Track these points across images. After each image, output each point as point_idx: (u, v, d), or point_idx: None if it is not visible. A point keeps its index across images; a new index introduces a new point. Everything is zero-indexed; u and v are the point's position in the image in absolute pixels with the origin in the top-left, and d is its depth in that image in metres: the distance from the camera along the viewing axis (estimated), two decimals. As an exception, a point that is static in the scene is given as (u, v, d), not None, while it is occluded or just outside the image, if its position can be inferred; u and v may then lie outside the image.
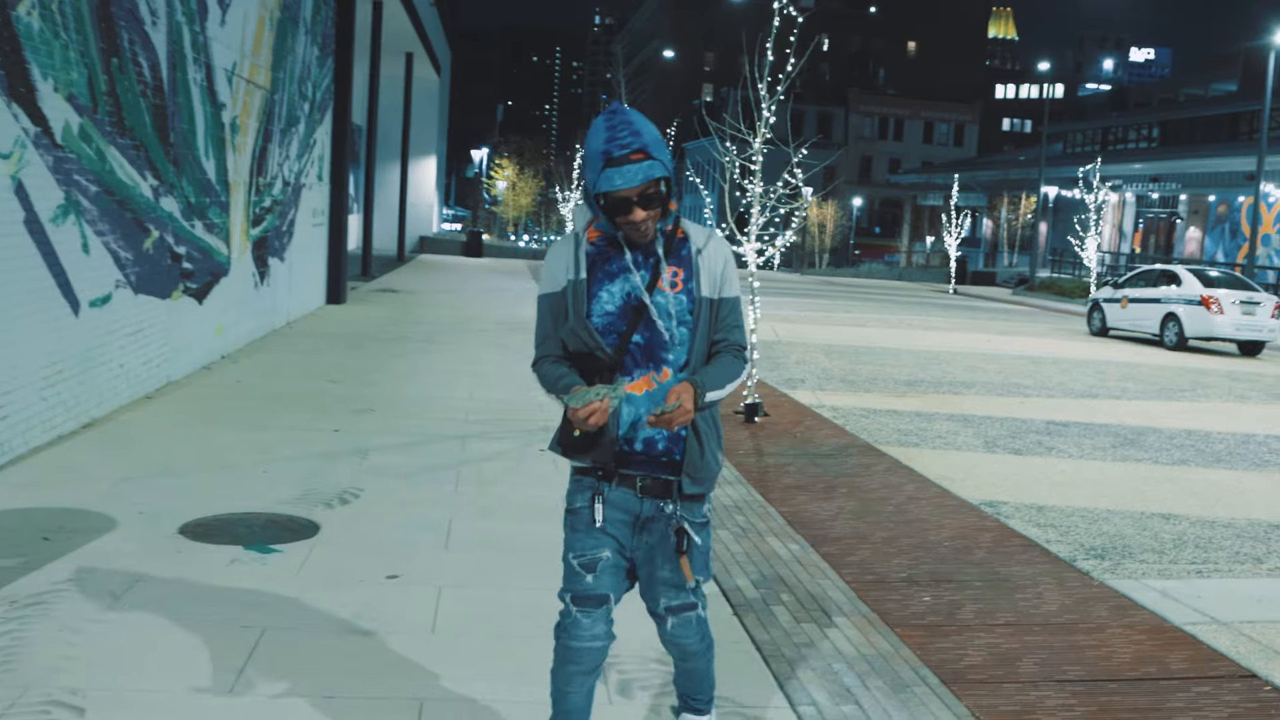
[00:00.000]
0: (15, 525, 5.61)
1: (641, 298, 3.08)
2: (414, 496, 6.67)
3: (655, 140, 3.00)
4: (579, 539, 3.18)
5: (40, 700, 3.74)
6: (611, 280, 3.13)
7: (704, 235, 3.20)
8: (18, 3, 6.73)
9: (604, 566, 3.17)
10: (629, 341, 3.11)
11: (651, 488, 3.15)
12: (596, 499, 3.14)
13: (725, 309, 3.17)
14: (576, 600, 3.18)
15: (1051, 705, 4.20)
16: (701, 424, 3.13)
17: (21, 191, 6.92)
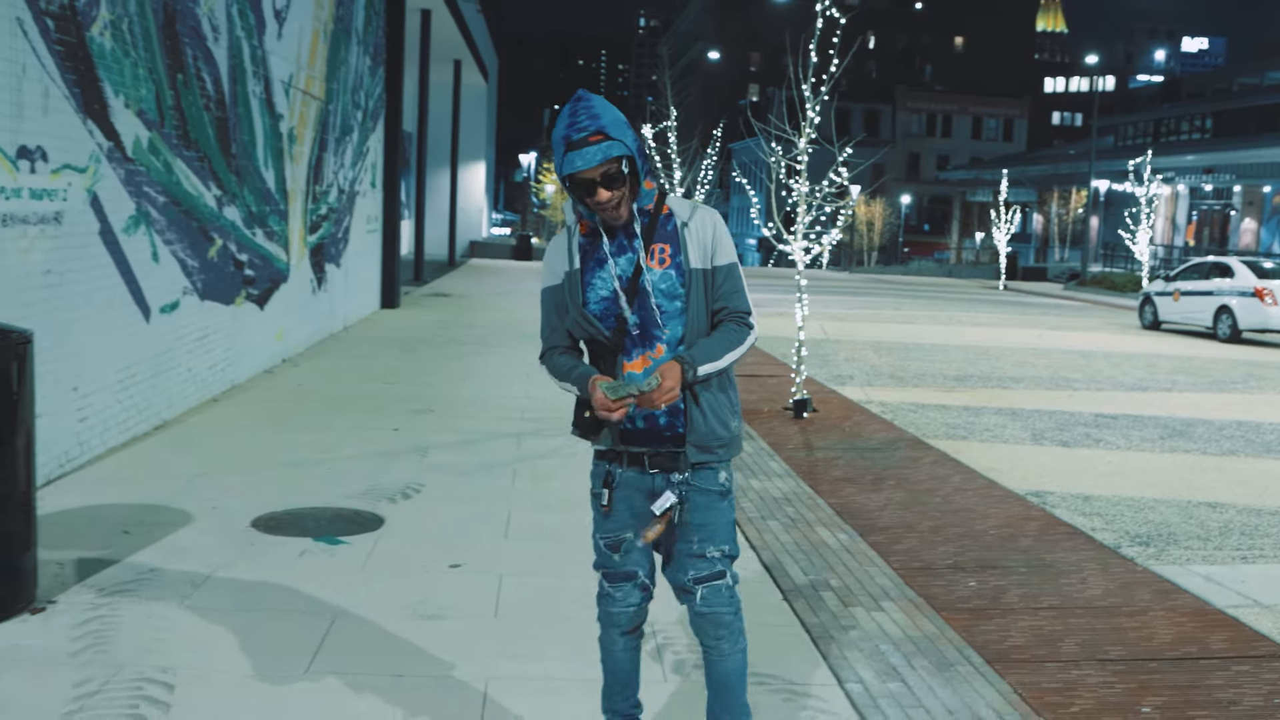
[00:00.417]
0: (98, 520, 5.90)
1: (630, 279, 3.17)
2: (473, 491, 6.91)
3: (615, 121, 3.06)
4: (602, 522, 3.32)
5: (133, 677, 4.00)
6: (601, 267, 3.22)
7: (688, 208, 3.26)
8: (91, 24, 7.05)
9: (627, 546, 3.30)
10: (626, 323, 3.19)
11: (659, 461, 3.23)
12: (608, 484, 3.27)
13: (720, 277, 3.22)
14: (608, 576, 3.36)
15: (1092, 683, 4.34)
16: (703, 393, 3.19)
17: (96, 204, 7.24)
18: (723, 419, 3.23)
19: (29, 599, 4.63)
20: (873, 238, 69.31)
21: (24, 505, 4.57)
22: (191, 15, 8.98)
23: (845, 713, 4.01)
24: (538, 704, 3.94)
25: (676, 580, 3.31)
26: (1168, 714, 4.08)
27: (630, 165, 3.10)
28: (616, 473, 3.26)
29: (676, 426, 3.21)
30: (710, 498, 3.24)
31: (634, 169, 3.12)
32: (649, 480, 3.24)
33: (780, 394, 11.09)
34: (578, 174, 3.04)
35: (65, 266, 6.80)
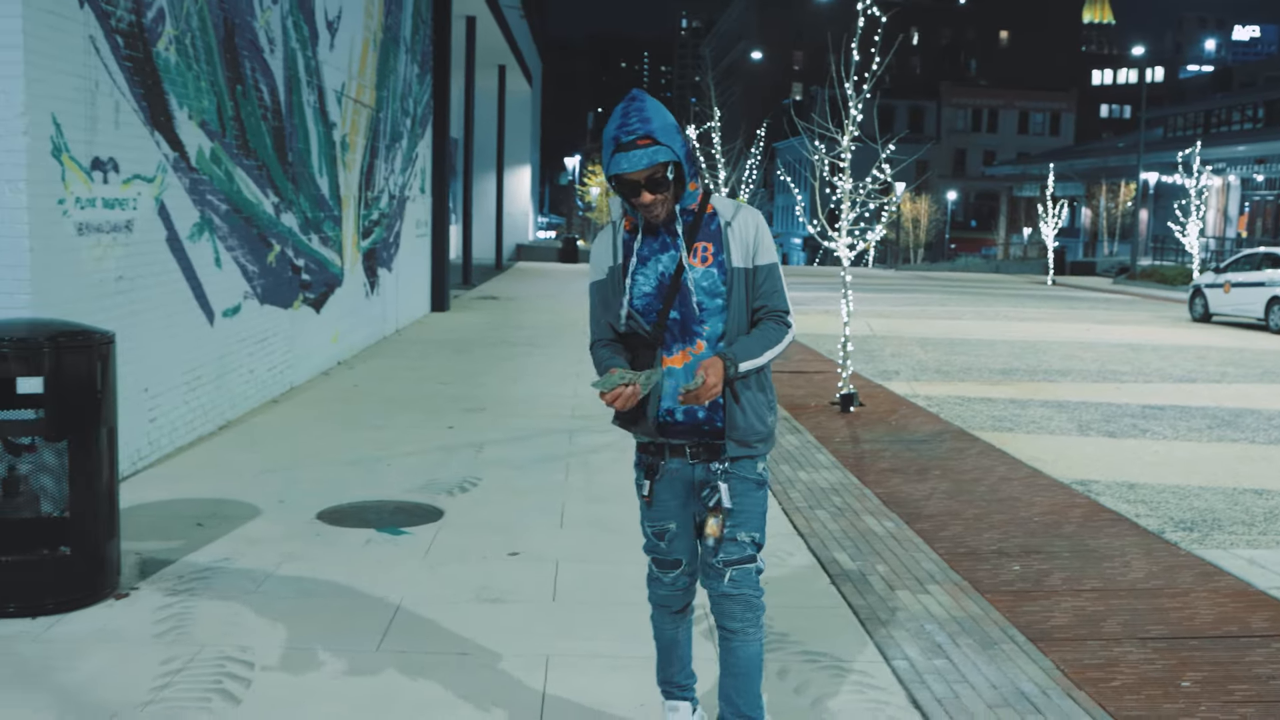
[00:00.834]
0: (172, 513, 6.17)
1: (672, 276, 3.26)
2: (528, 484, 7.12)
3: (665, 126, 3.15)
4: (647, 511, 3.44)
5: (215, 656, 4.24)
6: (645, 264, 3.31)
7: (732, 208, 3.33)
8: (157, 39, 7.35)
9: (672, 535, 3.42)
10: (666, 318, 3.27)
11: (701, 453, 3.33)
12: (648, 475, 3.39)
13: (761, 276, 3.30)
14: (657, 563, 3.50)
15: (1133, 660, 4.47)
16: (742, 390, 3.27)
17: (164, 212, 7.54)
18: (760, 415, 3.33)
19: (113, 586, 4.89)
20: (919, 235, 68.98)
21: (108, 497, 4.83)
22: (249, 29, 9.27)
23: (892, 687, 4.16)
24: (597, 679, 4.13)
25: (705, 561, 3.38)
26: (1207, 688, 4.20)
27: (676, 170, 3.19)
28: (659, 464, 3.36)
29: (715, 421, 3.30)
30: (747, 485, 3.33)
31: (680, 173, 3.22)
32: (690, 471, 3.35)
33: (827, 389, 11.22)
34: (623, 175, 3.16)
35: (136, 272, 7.09)
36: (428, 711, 3.85)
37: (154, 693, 3.93)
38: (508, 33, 29.48)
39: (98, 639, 4.40)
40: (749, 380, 3.28)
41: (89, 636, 4.43)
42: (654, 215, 3.23)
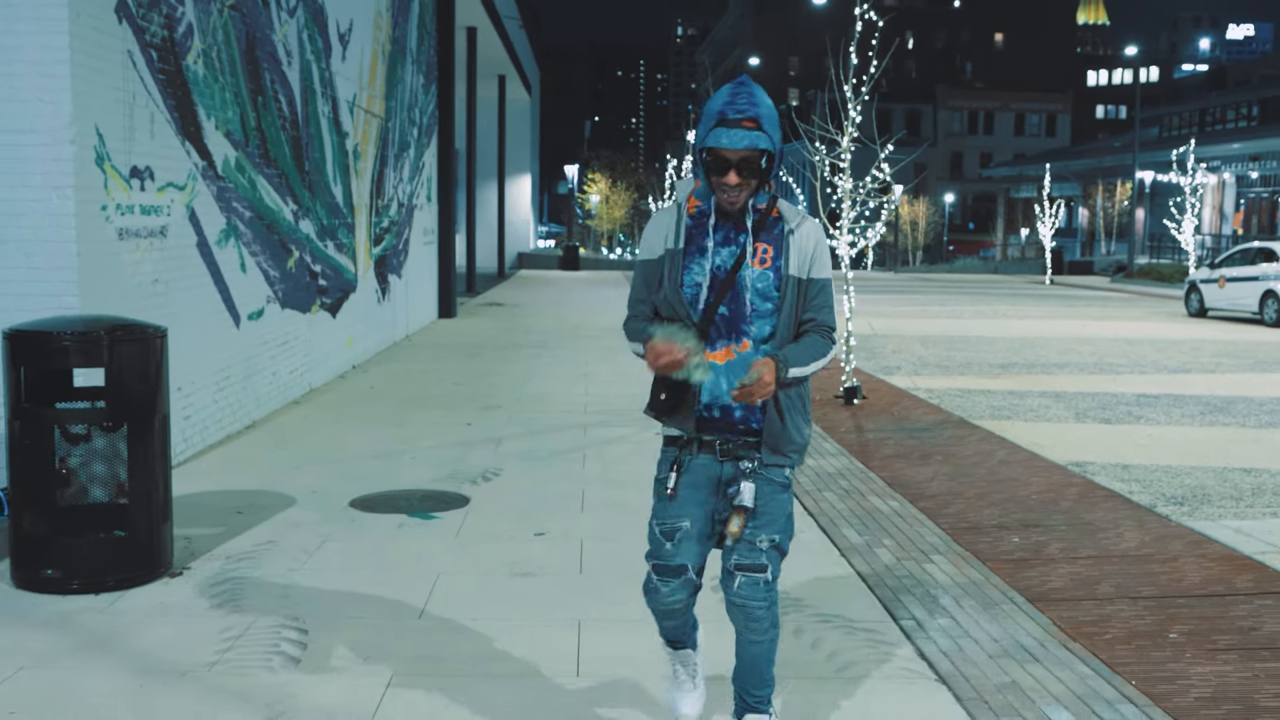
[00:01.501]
0: (212, 503, 6.49)
1: (729, 272, 3.23)
2: (548, 474, 7.44)
3: (770, 115, 3.12)
4: (663, 507, 3.33)
5: (270, 624, 4.56)
6: (703, 254, 3.26)
7: (798, 217, 3.29)
8: (187, 53, 7.69)
9: (682, 536, 3.30)
10: (715, 312, 3.23)
11: (731, 451, 3.28)
12: (675, 469, 3.30)
13: (814, 290, 3.26)
14: (658, 570, 3.34)
15: (1125, 616, 4.79)
16: (783, 398, 3.23)
17: (194, 218, 7.87)
18: (799, 426, 3.29)
19: (167, 565, 5.21)
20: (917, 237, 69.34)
21: (162, 482, 5.15)
22: (269, 41, 9.61)
23: (900, 642, 4.48)
24: (625, 639, 4.45)
25: (724, 562, 3.34)
26: (1193, 639, 4.52)
27: (768, 161, 3.18)
28: (685, 459, 3.30)
29: (751, 422, 3.25)
30: (774, 488, 3.28)
31: (769, 166, 3.20)
32: (718, 468, 3.29)
33: (831, 383, 11.54)
34: (720, 150, 3.12)
35: (169, 275, 7.42)
36: (476, 665, 4.17)
37: (218, 655, 4.25)
38: (507, 43, 29.86)
39: (159, 611, 4.72)
40: (790, 390, 3.25)
41: (150, 609, 4.75)
42: (732, 200, 3.19)
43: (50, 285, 6.12)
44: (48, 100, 6.04)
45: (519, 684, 4.03)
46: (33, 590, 4.92)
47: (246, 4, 8.98)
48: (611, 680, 4.08)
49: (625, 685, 4.04)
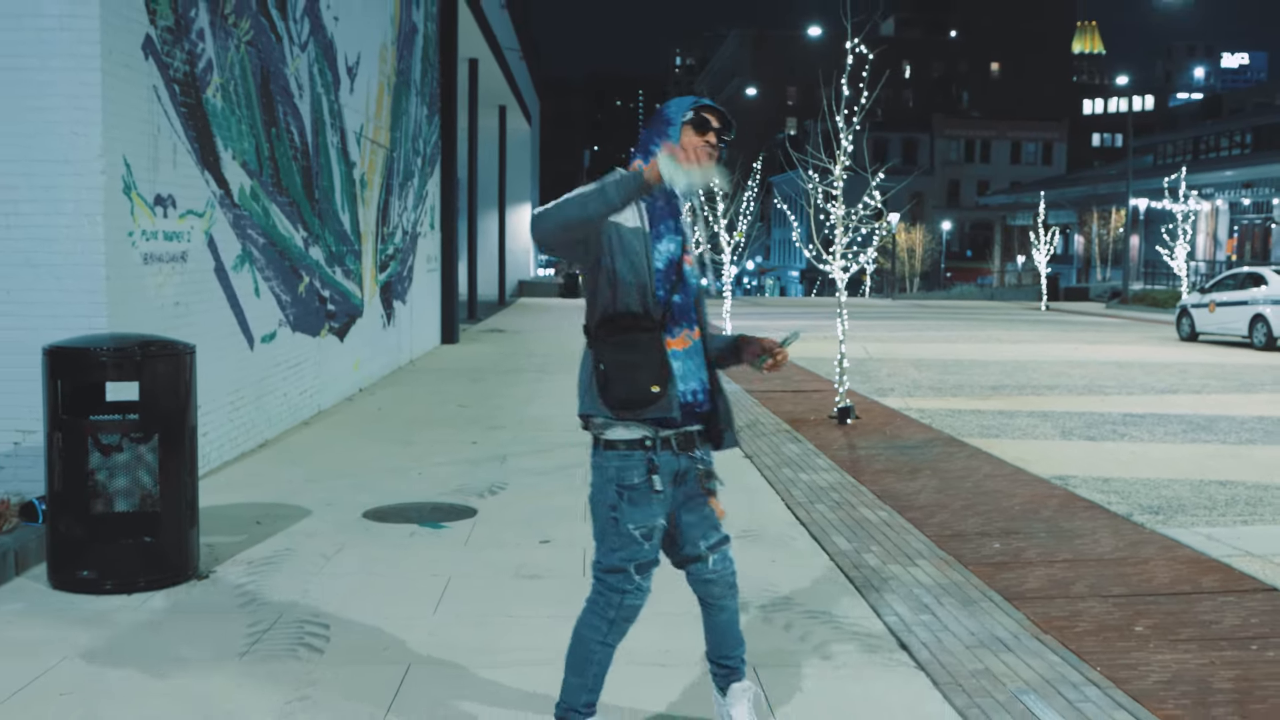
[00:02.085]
0: (231, 514, 6.80)
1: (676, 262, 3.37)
2: (552, 487, 7.76)
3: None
4: (639, 512, 3.36)
5: (293, 620, 4.87)
6: (659, 240, 3.39)
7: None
8: (206, 87, 8.06)
9: (658, 534, 3.43)
10: (671, 300, 3.36)
11: (684, 443, 3.41)
12: (652, 470, 3.34)
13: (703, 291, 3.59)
14: (640, 568, 3.43)
15: (1095, 612, 5.10)
16: (719, 381, 3.51)
17: (212, 244, 8.22)
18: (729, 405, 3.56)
19: (194, 569, 5.52)
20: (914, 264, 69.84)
21: (190, 490, 5.47)
22: (281, 75, 9.99)
23: (884, 635, 4.80)
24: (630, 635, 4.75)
25: (687, 551, 3.54)
26: (1157, 631, 4.83)
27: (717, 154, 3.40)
28: (654, 458, 3.34)
29: (703, 406, 3.43)
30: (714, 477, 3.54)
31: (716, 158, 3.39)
32: (676, 463, 3.40)
33: (825, 405, 11.86)
34: (710, 107, 3.37)
35: (189, 298, 7.76)
36: (488, 655, 4.48)
37: (248, 646, 4.56)
38: (508, 74, 30.34)
39: (189, 610, 5.04)
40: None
41: (181, 608, 5.06)
42: (706, 158, 3.33)
43: (80, 306, 6.46)
44: (80, 133, 6.40)
45: (528, 672, 4.34)
46: (69, 590, 5.24)
47: (262, 39, 9.37)
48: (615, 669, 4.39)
49: (624, 676, 4.35)
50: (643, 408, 3.28)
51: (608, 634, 3.50)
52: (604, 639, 3.50)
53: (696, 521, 3.52)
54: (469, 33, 22.17)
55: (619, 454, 3.37)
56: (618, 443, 3.37)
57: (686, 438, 3.43)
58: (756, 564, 5.88)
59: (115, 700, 4.03)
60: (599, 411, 3.35)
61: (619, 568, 3.43)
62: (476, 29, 22.63)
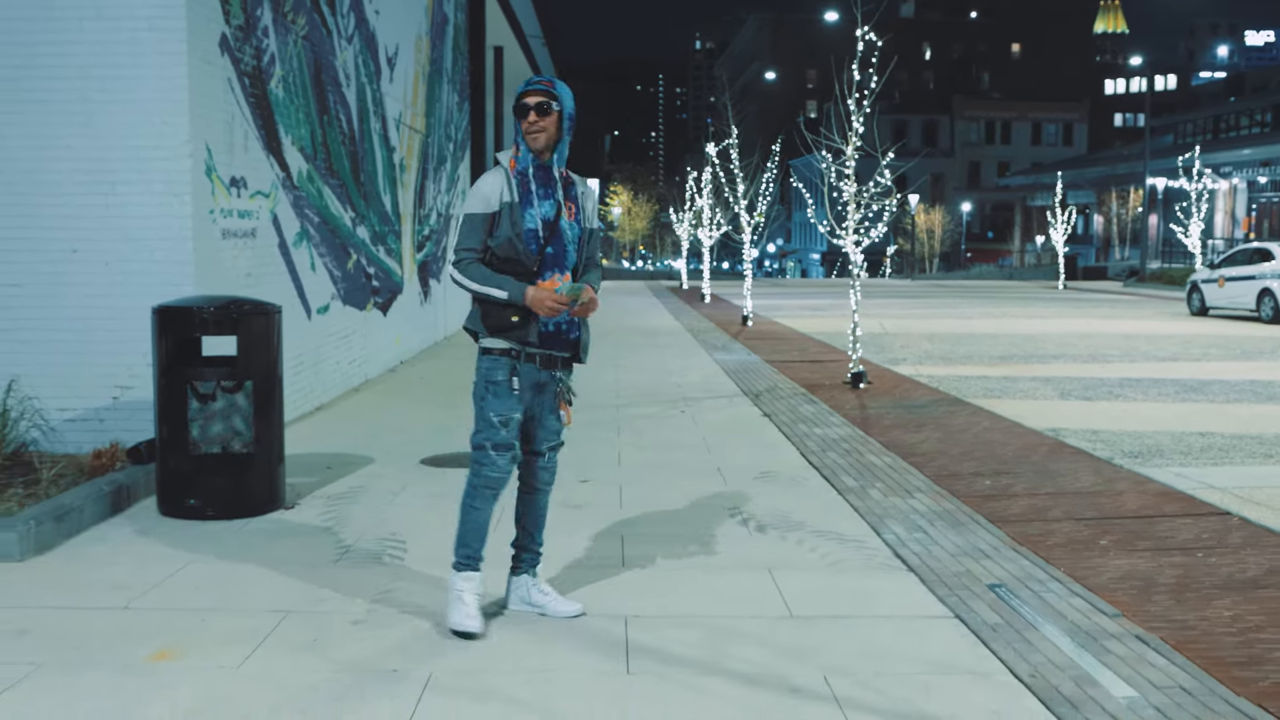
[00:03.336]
0: (303, 462, 7.62)
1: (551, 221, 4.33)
2: (589, 438, 8.55)
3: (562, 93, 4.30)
4: (499, 403, 4.35)
5: (374, 538, 5.69)
6: (531, 205, 4.32)
7: (582, 181, 4.52)
8: (270, 79, 8.86)
9: (513, 424, 4.39)
10: (544, 251, 4.32)
11: (546, 362, 4.40)
12: (513, 374, 4.34)
13: (594, 237, 4.54)
14: (495, 447, 4.39)
15: (1066, 530, 5.86)
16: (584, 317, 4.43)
17: (276, 222, 9.03)
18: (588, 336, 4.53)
19: (281, 501, 6.34)
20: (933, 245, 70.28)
21: (278, 430, 6.29)
22: (331, 66, 10.79)
23: (881, 549, 5.57)
24: (662, 546, 5.55)
25: (533, 447, 4.57)
26: (1118, 543, 5.59)
27: (557, 121, 4.32)
28: (518, 366, 4.34)
29: (571, 335, 4.42)
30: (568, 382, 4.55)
31: (560, 123, 4.33)
32: (538, 374, 4.40)
33: (840, 373, 12.60)
34: (526, 96, 4.30)
35: (258, 270, 8.58)
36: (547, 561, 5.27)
37: (338, 555, 5.38)
38: (532, 60, 31.11)
39: (284, 531, 5.86)
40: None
41: (276, 530, 5.89)
42: (535, 138, 4.31)
43: (170, 275, 7.27)
44: (170, 122, 7.21)
45: (575, 573, 5.14)
46: (176, 517, 6.06)
47: (315, 34, 10.17)
48: (650, 564, 5.19)
49: (658, 572, 5.14)
50: (505, 332, 4.32)
51: (473, 499, 4.51)
52: (470, 503, 4.52)
53: (552, 427, 4.58)
54: (495, 21, 22.92)
55: (490, 358, 4.40)
56: (491, 350, 4.39)
57: (549, 358, 4.43)
58: (772, 497, 6.66)
59: (240, 588, 4.84)
60: (480, 328, 4.38)
61: (480, 445, 4.44)
62: (502, 17, 23.40)
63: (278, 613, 4.57)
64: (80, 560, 5.32)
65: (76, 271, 7.30)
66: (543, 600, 4.62)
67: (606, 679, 3.92)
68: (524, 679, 3.92)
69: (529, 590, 4.66)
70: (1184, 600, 4.72)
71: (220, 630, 4.37)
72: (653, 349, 15.92)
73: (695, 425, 9.32)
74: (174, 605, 4.69)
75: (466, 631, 4.31)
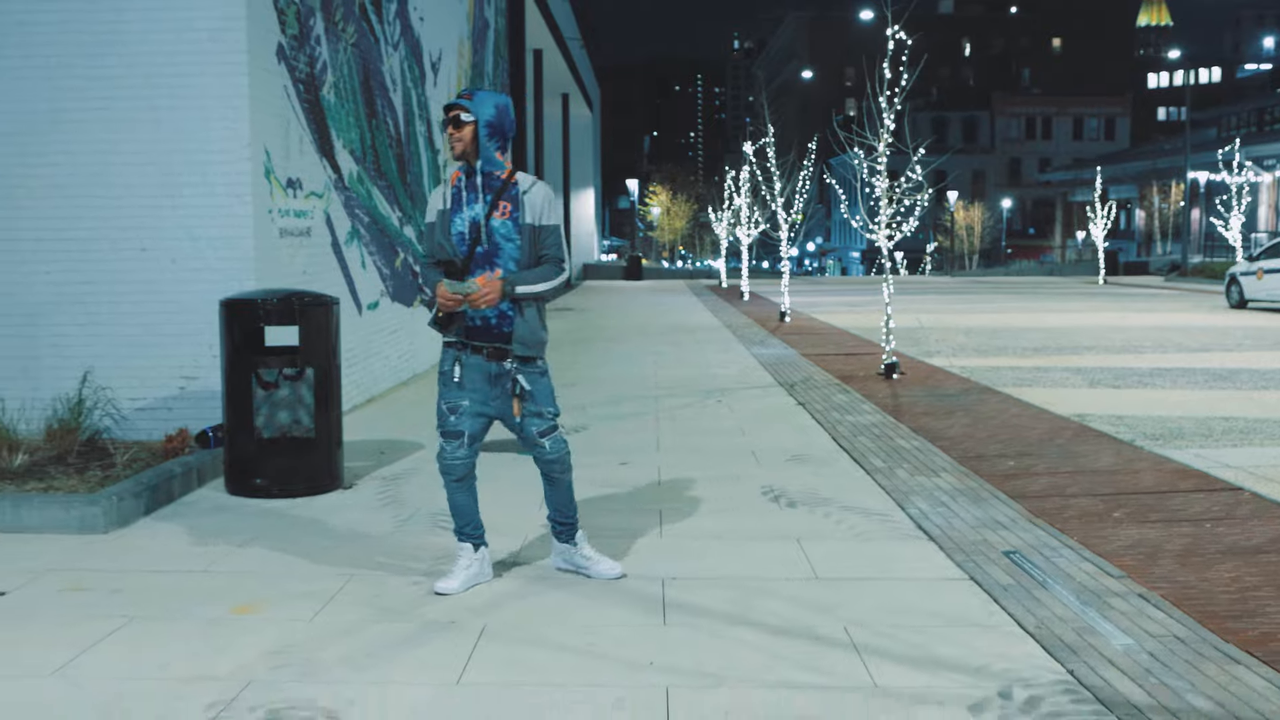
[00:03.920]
0: (358, 448, 8.03)
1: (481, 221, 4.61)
2: (628, 426, 8.93)
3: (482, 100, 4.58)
4: (447, 392, 4.72)
5: (429, 513, 6.09)
6: (460, 210, 4.66)
7: (530, 181, 4.71)
8: (323, 85, 9.30)
9: (462, 411, 4.71)
10: (474, 251, 4.61)
11: (494, 354, 4.65)
12: (456, 363, 4.67)
13: (545, 234, 4.66)
14: (444, 435, 4.78)
15: (1083, 505, 6.15)
16: (526, 309, 4.62)
17: (329, 222, 9.47)
18: (535, 330, 4.68)
19: (339, 480, 6.76)
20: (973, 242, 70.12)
21: (337, 416, 6.70)
22: (379, 72, 11.23)
23: (905, 522, 5.89)
24: (697, 519, 5.90)
25: (528, 436, 4.79)
26: (1131, 516, 5.88)
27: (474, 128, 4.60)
28: (463, 357, 4.67)
29: (503, 328, 4.62)
30: (534, 375, 4.71)
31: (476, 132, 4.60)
32: (488, 366, 4.67)
33: (874, 365, 12.89)
34: (446, 111, 4.64)
35: (313, 268, 9.02)
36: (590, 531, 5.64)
37: (395, 528, 5.79)
38: (570, 63, 31.56)
39: (344, 507, 6.28)
40: (531, 304, 4.66)
41: (337, 506, 6.30)
42: (454, 146, 4.66)
43: (232, 271, 7.72)
44: (231, 127, 7.65)
45: (616, 542, 5.50)
46: (243, 495, 6.49)
47: (363, 41, 10.61)
48: (686, 536, 5.56)
49: (693, 541, 5.50)
50: (442, 327, 4.68)
51: (444, 481, 4.93)
52: (444, 484, 4.95)
53: (528, 412, 4.75)
54: (534, 24, 23.37)
55: (442, 350, 4.79)
56: (443, 343, 4.78)
57: (496, 350, 4.67)
58: (803, 477, 7.01)
59: (308, 554, 5.25)
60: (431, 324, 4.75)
61: (439, 432, 4.83)
62: (541, 21, 23.85)
63: (343, 575, 4.97)
64: (159, 532, 5.75)
65: (145, 269, 7.76)
66: (585, 563, 4.98)
67: (645, 629, 4.28)
68: (570, 630, 4.29)
69: (572, 554, 5.03)
70: (1188, 564, 5.02)
71: (292, 589, 4.78)
72: (692, 344, 16.26)
73: (731, 413, 9.66)
74: (249, 569, 5.11)
75: (440, 592, 4.74)
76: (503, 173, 4.71)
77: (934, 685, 3.72)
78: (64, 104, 7.66)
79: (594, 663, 3.95)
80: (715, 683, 3.75)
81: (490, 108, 4.65)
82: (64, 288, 7.78)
